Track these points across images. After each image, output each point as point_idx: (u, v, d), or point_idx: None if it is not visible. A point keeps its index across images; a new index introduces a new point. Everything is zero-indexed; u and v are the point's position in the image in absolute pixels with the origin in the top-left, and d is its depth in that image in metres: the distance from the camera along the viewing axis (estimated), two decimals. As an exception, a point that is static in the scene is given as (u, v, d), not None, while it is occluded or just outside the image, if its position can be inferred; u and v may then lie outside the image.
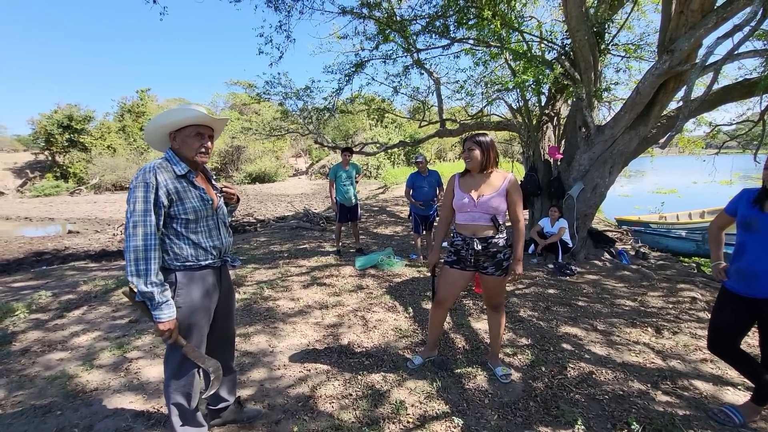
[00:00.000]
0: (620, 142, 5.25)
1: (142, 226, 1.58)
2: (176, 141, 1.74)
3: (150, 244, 1.59)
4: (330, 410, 2.26)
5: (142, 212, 1.58)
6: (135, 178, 1.62)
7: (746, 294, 2.00)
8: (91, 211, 16.24)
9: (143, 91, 29.82)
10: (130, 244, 1.57)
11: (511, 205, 2.42)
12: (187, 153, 1.74)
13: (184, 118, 1.71)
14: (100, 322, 3.58)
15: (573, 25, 5.16)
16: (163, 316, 1.61)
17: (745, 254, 2.01)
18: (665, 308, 3.93)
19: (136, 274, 1.56)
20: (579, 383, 2.56)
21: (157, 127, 1.75)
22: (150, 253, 1.59)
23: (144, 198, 1.59)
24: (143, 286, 1.57)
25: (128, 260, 1.57)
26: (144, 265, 1.57)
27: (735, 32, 3.79)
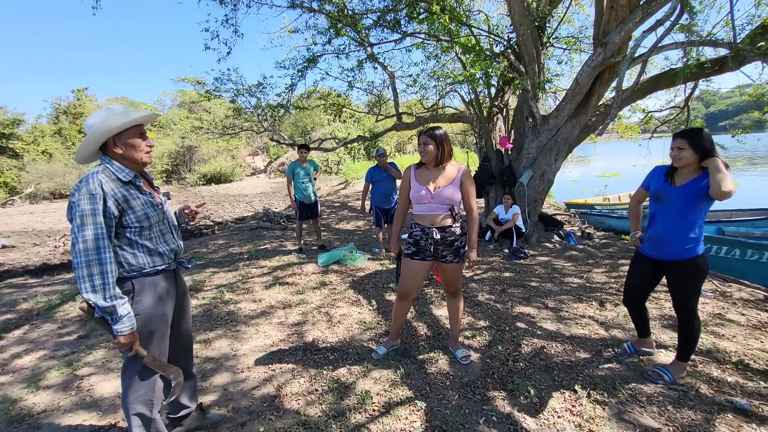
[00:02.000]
0: (563, 130, 5.58)
1: (93, 239, 1.50)
2: (118, 146, 1.66)
3: (104, 257, 1.52)
4: (296, 407, 2.29)
5: (91, 225, 1.50)
6: (77, 191, 1.52)
7: (656, 257, 2.36)
8: (27, 223, 14.94)
9: (80, 91, 27.72)
10: (81, 260, 1.48)
11: (465, 195, 2.52)
12: (134, 155, 1.68)
13: (135, 117, 1.65)
14: (45, 341, 3.36)
15: (516, 20, 5.40)
16: (124, 328, 1.55)
17: (655, 222, 2.34)
18: (608, 283, 4.26)
19: (92, 291, 1.49)
20: (532, 358, 2.74)
21: (98, 135, 1.62)
22: (105, 266, 1.52)
23: (92, 210, 1.51)
24: (102, 301, 1.50)
25: (81, 277, 1.49)
26: (100, 279, 1.50)
27: (658, 26, 4.13)
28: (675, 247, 2.25)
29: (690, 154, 2.14)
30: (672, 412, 2.13)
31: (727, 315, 3.41)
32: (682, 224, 2.21)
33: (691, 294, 2.29)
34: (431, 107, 9.55)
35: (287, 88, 7.97)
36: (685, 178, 2.21)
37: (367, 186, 5.52)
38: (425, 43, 7.04)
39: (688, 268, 2.25)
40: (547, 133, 5.65)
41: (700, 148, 2.12)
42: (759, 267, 4.98)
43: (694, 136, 2.15)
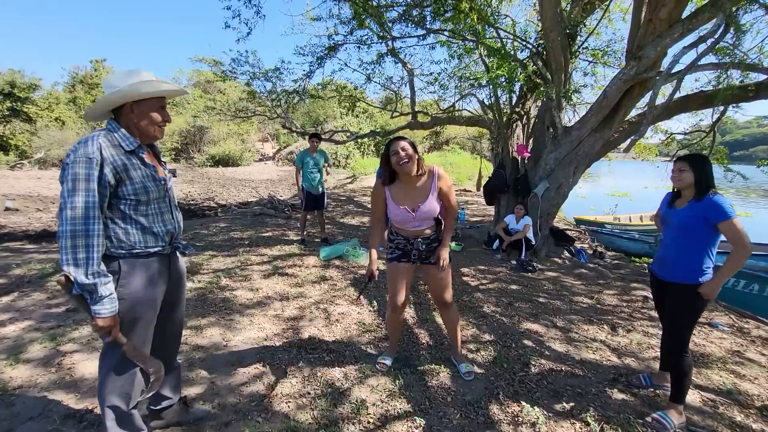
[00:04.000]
0: (585, 143, 5.38)
1: (83, 207, 1.36)
2: (135, 113, 1.52)
3: (92, 229, 1.38)
4: (286, 410, 2.13)
5: (83, 191, 1.36)
6: (73, 152, 1.38)
7: (660, 276, 2.36)
8: (33, 188, 14.92)
9: (98, 62, 27.67)
10: (67, 228, 1.34)
11: (445, 198, 2.33)
12: (148, 127, 1.55)
13: (162, 89, 1.54)
14: (32, 310, 3.23)
15: (547, 25, 5.20)
16: (104, 311, 1.40)
17: (662, 243, 2.40)
18: (619, 306, 4.08)
19: (73, 264, 1.35)
20: (539, 380, 2.57)
21: (120, 96, 1.49)
22: (92, 239, 1.37)
23: (86, 175, 1.36)
24: (83, 277, 1.35)
25: (63, 247, 1.34)
26: (84, 253, 1.36)
27: (699, 43, 3.93)
28: (674, 269, 2.24)
29: (690, 175, 2.17)
30: (692, 456, 1.96)
31: (747, 353, 3.22)
32: (682, 247, 2.21)
33: (684, 323, 2.21)
34: (447, 109, 9.36)
35: (305, 74, 7.80)
36: (684, 201, 2.24)
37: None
38: (449, 42, 6.84)
39: (684, 294, 2.19)
40: (568, 145, 5.45)
41: (699, 171, 2.15)
42: (777, 304, 4.78)
43: (694, 158, 2.21)
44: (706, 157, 2.24)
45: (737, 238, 2.01)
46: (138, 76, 1.53)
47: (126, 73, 1.54)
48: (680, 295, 2.21)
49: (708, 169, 2.17)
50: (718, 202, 2.06)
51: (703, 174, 2.15)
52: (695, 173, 2.16)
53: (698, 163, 2.17)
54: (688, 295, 2.17)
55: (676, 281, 2.23)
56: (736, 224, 2.02)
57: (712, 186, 2.14)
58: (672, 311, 2.25)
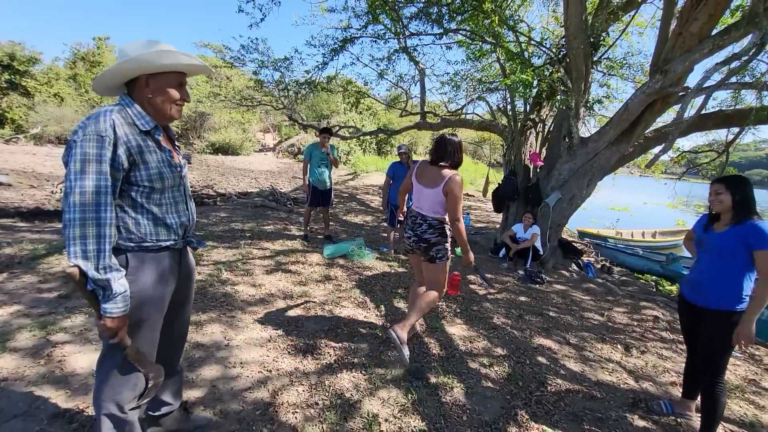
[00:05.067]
0: (602, 156, 5.27)
1: (94, 192, 1.19)
2: (150, 87, 1.35)
3: (104, 216, 1.21)
4: (293, 422, 1.98)
5: (94, 174, 1.19)
6: (81, 129, 1.20)
7: (692, 300, 2.27)
8: (28, 164, 14.59)
9: (101, 39, 27.21)
10: (75, 216, 1.17)
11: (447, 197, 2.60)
12: (163, 105, 1.38)
13: (184, 62, 1.37)
14: (22, 294, 3.05)
15: (571, 31, 5.07)
16: (116, 310, 1.24)
17: (696, 266, 2.33)
18: (630, 325, 3.97)
19: (82, 256, 1.18)
20: (557, 401, 2.45)
21: (136, 66, 1.31)
22: (104, 228, 1.21)
23: (97, 156, 1.19)
24: (95, 271, 1.19)
25: (71, 237, 1.17)
26: (95, 244, 1.19)
27: (732, 60, 3.82)
28: (709, 294, 2.16)
29: (728, 198, 2.10)
30: (724, 497, 1.84)
31: (762, 383, 3.13)
32: (718, 271, 2.14)
33: (719, 349, 2.14)
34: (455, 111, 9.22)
35: (318, 65, 7.62)
36: (723, 225, 2.15)
37: (388, 181, 5.21)
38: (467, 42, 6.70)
39: (722, 320, 2.10)
40: (584, 156, 5.34)
41: (737, 194, 2.08)
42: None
43: (732, 180, 2.13)
44: (744, 179, 2.15)
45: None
46: (156, 46, 1.36)
47: (145, 43, 1.37)
48: (717, 321, 2.12)
49: (747, 191, 2.08)
50: (760, 227, 1.97)
51: (743, 196, 2.06)
52: (733, 196, 2.08)
53: (736, 185, 2.09)
54: (726, 321, 2.07)
55: (713, 307, 2.13)
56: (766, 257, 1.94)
57: (754, 210, 2.05)
58: (708, 338, 2.16)
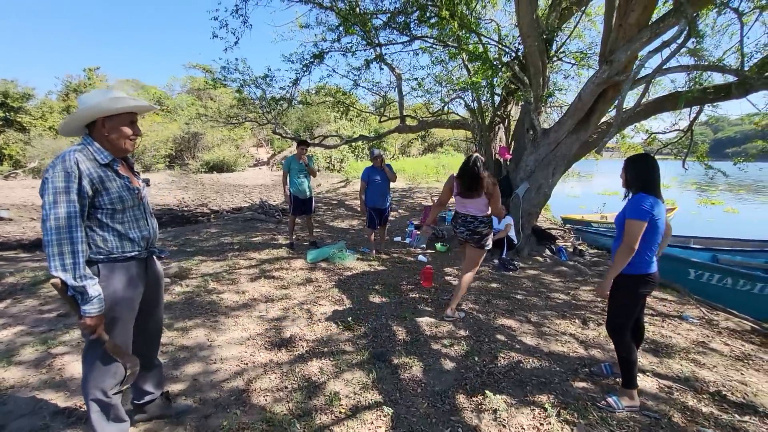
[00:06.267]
0: (563, 145, 5.55)
1: (66, 217, 1.50)
2: (105, 127, 1.66)
3: (76, 236, 1.52)
4: (263, 403, 2.27)
5: (64, 203, 1.50)
6: (52, 168, 1.52)
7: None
8: (27, 197, 14.96)
9: (92, 70, 27.74)
10: (52, 238, 1.48)
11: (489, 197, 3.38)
12: (118, 141, 1.69)
13: (128, 105, 1.68)
14: (24, 316, 3.35)
15: (524, 31, 5.38)
16: (93, 310, 1.55)
17: None
18: (594, 301, 4.23)
19: (62, 269, 1.49)
20: (507, 371, 2.72)
21: (89, 112, 1.63)
22: (76, 246, 1.52)
23: (65, 188, 1.50)
24: (73, 281, 1.50)
25: (51, 255, 1.48)
26: (71, 258, 1.50)
27: (663, 48, 4.11)
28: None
29: (623, 176, 2.40)
30: (640, 437, 2.11)
31: (711, 344, 3.38)
32: (616, 240, 2.41)
33: (612, 311, 2.44)
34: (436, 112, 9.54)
35: (292, 82, 7.95)
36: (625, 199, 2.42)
37: (363, 186, 5.50)
38: (433, 48, 7.02)
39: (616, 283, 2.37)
40: (546, 147, 5.62)
41: (628, 172, 2.35)
42: (749, 299, 4.94)
43: (628, 160, 2.38)
44: (638, 158, 2.38)
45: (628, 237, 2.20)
46: (107, 93, 1.68)
47: (99, 92, 1.69)
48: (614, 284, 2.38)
49: (637, 169, 2.31)
50: (635, 199, 2.24)
51: (632, 174, 2.33)
52: (626, 174, 2.37)
53: (628, 164, 2.37)
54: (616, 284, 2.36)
55: None
56: (630, 225, 2.20)
57: (643, 186, 2.26)
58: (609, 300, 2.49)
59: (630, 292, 2.33)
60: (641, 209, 2.17)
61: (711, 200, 15.96)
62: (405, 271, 4.99)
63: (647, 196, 2.20)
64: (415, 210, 10.21)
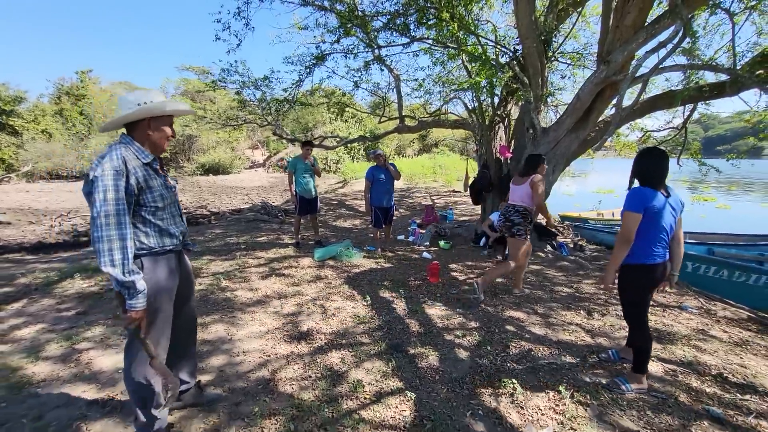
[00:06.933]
0: (562, 143, 5.69)
1: (114, 215, 1.56)
2: (150, 127, 1.75)
3: (125, 233, 1.58)
4: (290, 391, 2.36)
5: (114, 201, 1.56)
6: (99, 166, 1.57)
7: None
8: (23, 201, 14.87)
9: (84, 73, 27.56)
10: (103, 234, 1.54)
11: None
12: (159, 141, 1.79)
13: (180, 108, 1.81)
14: (43, 315, 3.41)
15: (523, 33, 5.52)
16: (139, 304, 1.62)
17: None
18: (596, 294, 4.36)
19: (110, 264, 1.54)
20: (519, 359, 2.83)
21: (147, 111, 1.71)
22: (125, 242, 1.58)
23: (115, 186, 1.57)
24: (122, 276, 1.56)
25: (101, 251, 1.53)
26: (120, 254, 1.56)
27: (660, 48, 4.26)
28: None
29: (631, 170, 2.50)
30: (651, 416, 2.23)
31: (710, 331, 3.52)
32: None
33: (623, 302, 2.60)
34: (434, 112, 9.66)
35: (294, 83, 8.04)
36: None
37: (368, 185, 5.60)
38: (433, 49, 7.15)
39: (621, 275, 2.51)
40: (546, 146, 5.76)
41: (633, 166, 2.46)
42: (745, 289, 5.11)
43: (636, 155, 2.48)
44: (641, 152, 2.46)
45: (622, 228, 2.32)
46: (157, 95, 1.77)
47: (143, 92, 1.77)
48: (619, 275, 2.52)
49: (638, 164, 2.39)
50: (631, 192, 2.35)
51: (634, 169, 2.42)
52: (632, 168, 2.45)
53: (635, 159, 2.44)
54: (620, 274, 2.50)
55: None
56: (625, 216, 2.31)
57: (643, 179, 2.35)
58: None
59: (632, 281, 2.43)
60: (635, 201, 2.28)
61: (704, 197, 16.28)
62: (411, 268, 5.09)
63: (645, 189, 2.30)
64: (416, 209, 10.33)
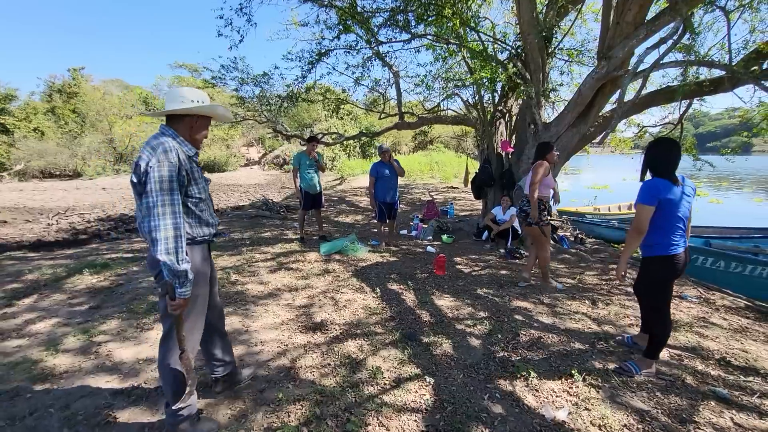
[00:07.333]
0: (563, 138, 5.78)
1: (170, 205, 1.60)
2: (197, 124, 1.83)
3: (179, 222, 1.62)
4: (311, 378, 2.42)
5: (169, 191, 1.60)
6: (153, 156, 1.61)
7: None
8: (17, 200, 14.73)
9: (76, 70, 27.24)
10: (160, 223, 1.57)
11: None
12: (199, 138, 1.87)
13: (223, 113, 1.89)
14: (56, 309, 3.43)
15: (524, 29, 5.60)
16: (186, 292, 1.66)
17: None
18: (599, 284, 4.47)
19: (165, 252, 1.57)
20: (530, 346, 2.91)
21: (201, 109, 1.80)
22: (180, 231, 1.62)
23: (169, 177, 1.61)
24: (177, 264, 1.60)
25: (158, 239, 1.57)
26: (174, 243, 1.59)
27: (660, 44, 4.35)
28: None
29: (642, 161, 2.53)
30: (660, 397, 2.32)
31: (711, 319, 3.63)
32: None
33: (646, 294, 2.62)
34: (432, 109, 9.72)
35: (296, 79, 8.05)
36: None
37: (373, 181, 5.64)
38: (434, 45, 7.20)
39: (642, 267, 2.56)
40: (548, 140, 5.84)
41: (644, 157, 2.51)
42: (742, 279, 5.25)
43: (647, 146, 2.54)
44: (652, 142, 2.49)
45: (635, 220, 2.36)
46: (205, 96, 1.84)
47: (193, 90, 1.84)
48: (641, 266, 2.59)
49: (650, 154, 2.42)
50: (644, 184, 2.37)
51: (645, 160, 2.45)
52: (643, 159, 2.48)
53: (649, 148, 2.47)
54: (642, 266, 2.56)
55: None
56: (638, 209, 2.35)
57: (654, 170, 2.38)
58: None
59: (655, 273, 2.47)
60: (648, 194, 2.32)
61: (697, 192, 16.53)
62: (416, 261, 5.16)
63: (658, 181, 2.34)
64: (416, 205, 10.40)
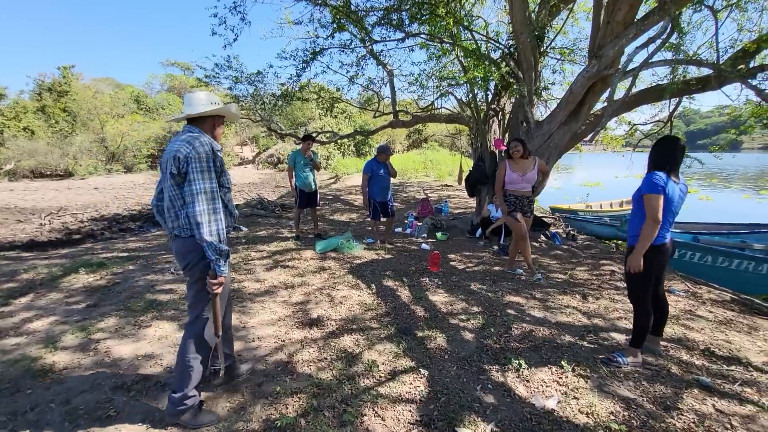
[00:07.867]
0: (555, 136, 5.87)
1: (211, 191, 1.79)
2: (219, 125, 2.03)
3: (218, 208, 1.81)
4: (308, 371, 2.47)
5: (210, 179, 1.79)
6: (192, 149, 1.78)
7: None
8: (8, 200, 14.58)
9: (66, 68, 26.89)
10: (204, 208, 1.76)
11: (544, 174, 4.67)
12: (219, 136, 2.05)
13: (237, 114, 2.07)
14: (53, 308, 3.44)
15: (517, 28, 5.67)
16: (226, 270, 1.85)
17: None
18: (590, 280, 4.56)
19: (208, 234, 1.76)
20: (522, 339, 2.99)
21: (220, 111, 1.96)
22: (219, 215, 1.82)
23: (209, 167, 1.80)
24: (220, 245, 1.79)
25: (203, 222, 1.75)
26: (216, 225, 1.78)
27: (649, 43, 4.45)
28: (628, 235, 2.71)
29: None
30: (646, 386, 2.41)
31: (697, 312, 3.74)
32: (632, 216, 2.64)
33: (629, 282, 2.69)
34: (426, 107, 9.79)
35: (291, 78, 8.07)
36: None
37: (366, 179, 5.69)
38: (428, 44, 7.25)
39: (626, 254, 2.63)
40: (540, 138, 5.93)
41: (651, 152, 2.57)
42: (728, 273, 5.38)
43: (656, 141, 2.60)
44: (658, 140, 2.58)
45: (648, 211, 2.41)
46: (216, 97, 1.99)
47: (210, 94, 1.98)
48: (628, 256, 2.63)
49: (653, 150, 2.52)
50: (648, 176, 2.46)
51: (649, 155, 2.54)
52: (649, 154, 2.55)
53: (654, 145, 2.56)
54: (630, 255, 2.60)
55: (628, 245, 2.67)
56: (648, 200, 2.40)
57: (656, 165, 2.47)
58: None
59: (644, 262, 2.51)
60: (654, 183, 2.40)
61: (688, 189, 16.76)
62: (411, 258, 5.22)
63: (660, 173, 2.44)
64: (410, 203, 10.47)
